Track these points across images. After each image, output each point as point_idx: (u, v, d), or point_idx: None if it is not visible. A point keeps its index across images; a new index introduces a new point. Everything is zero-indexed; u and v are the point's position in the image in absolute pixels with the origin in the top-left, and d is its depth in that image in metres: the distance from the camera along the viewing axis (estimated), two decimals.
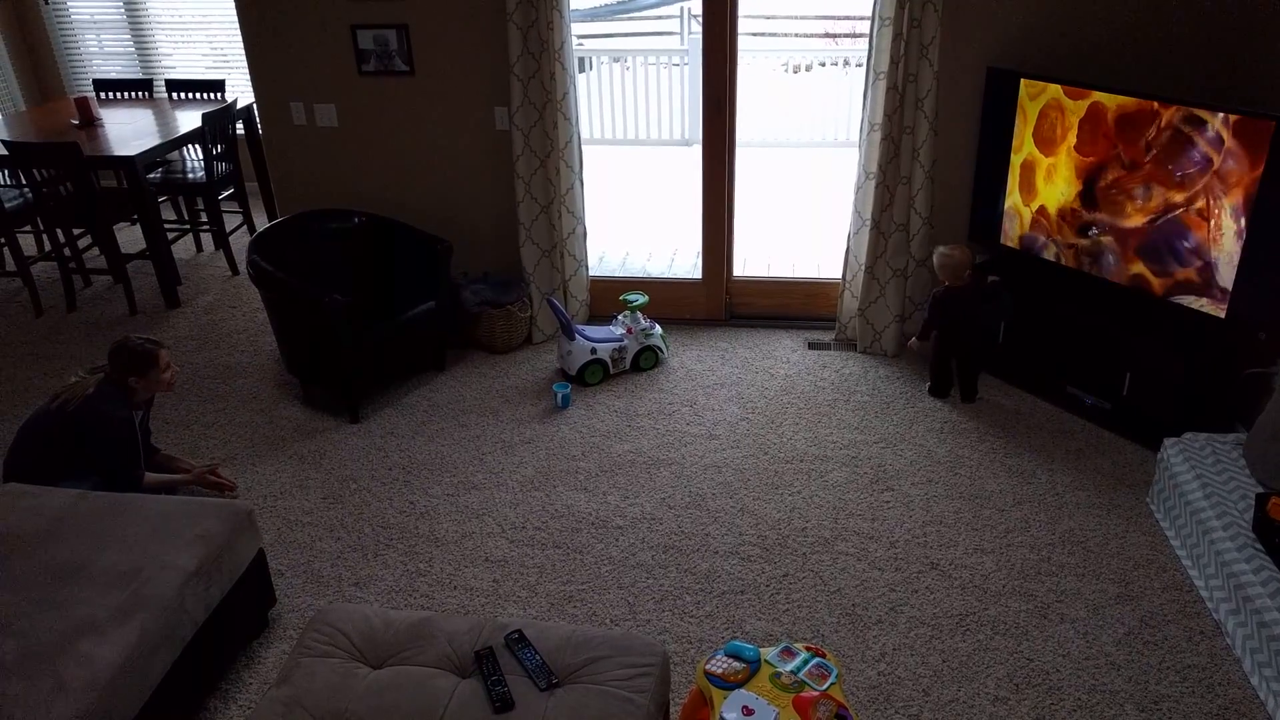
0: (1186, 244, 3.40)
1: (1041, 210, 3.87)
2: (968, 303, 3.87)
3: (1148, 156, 3.45)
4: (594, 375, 4.24)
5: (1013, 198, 3.97)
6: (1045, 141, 3.78)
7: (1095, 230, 3.58)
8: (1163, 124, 3.38)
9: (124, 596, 2.38)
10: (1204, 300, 3.40)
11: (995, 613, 2.91)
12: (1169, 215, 3.43)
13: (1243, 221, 3.20)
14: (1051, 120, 3.73)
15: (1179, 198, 3.38)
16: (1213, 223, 3.30)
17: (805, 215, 6.46)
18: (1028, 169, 3.88)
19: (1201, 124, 3.26)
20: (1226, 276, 3.30)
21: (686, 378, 4.29)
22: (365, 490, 3.57)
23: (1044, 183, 3.83)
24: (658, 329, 4.36)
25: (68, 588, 2.41)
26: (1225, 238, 3.27)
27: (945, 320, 3.92)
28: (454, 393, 4.22)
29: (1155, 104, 3.38)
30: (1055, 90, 3.69)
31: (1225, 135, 3.20)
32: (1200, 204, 3.32)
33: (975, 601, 2.96)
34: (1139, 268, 3.58)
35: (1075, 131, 3.66)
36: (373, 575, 3.13)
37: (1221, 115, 3.20)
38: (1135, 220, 3.54)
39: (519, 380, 4.32)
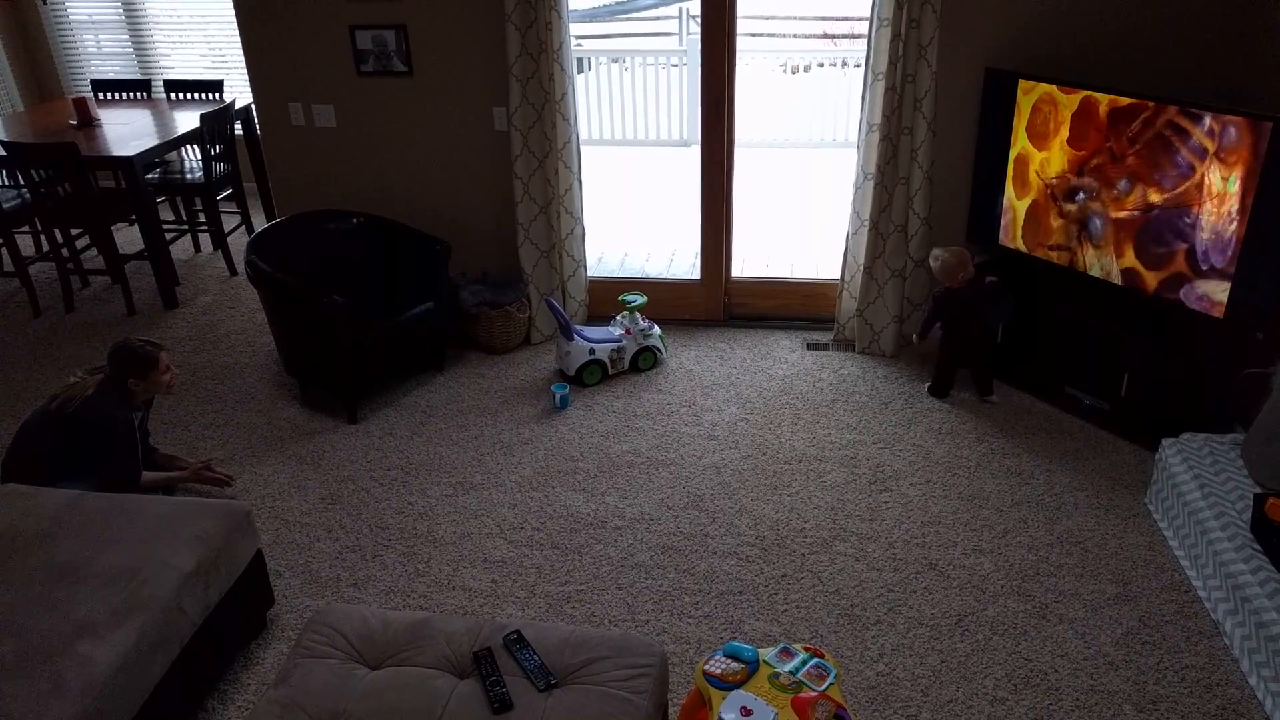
0: (1181, 240, 3.40)
1: (1035, 205, 3.87)
2: (967, 303, 3.88)
3: (1138, 153, 3.45)
4: (592, 376, 4.24)
5: (1006, 193, 3.98)
6: (1038, 135, 3.79)
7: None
8: (1156, 122, 3.38)
9: (122, 597, 2.38)
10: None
11: (993, 613, 2.91)
12: (1163, 211, 3.43)
13: (1239, 221, 3.21)
14: (1044, 114, 3.74)
15: (1173, 195, 3.38)
16: (1209, 220, 3.30)
17: (804, 216, 6.46)
18: (1021, 163, 3.88)
19: (1198, 123, 3.26)
20: (1222, 272, 3.30)
21: (685, 378, 4.29)
22: (363, 491, 3.57)
23: (1037, 177, 3.84)
24: (656, 329, 4.36)
25: (66, 588, 2.40)
26: (1220, 236, 3.27)
27: (948, 320, 3.93)
28: (452, 393, 4.22)
29: (1150, 103, 3.38)
30: (1048, 84, 3.69)
31: (1223, 135, 3.20)
32: (1196, 201, 3.32)
33: (973, 602, 2.96)
34: (1133, 262, 3.58)
35: (1068, 126, 3.66)
36: (371, 576, 3.13)
37: (1220, 115, 3.20)
38: (1126, 213, 3.54)
39: (517, 381, 4.32)
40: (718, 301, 4.76)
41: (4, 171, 5.18)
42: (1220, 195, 3.25)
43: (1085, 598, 2.96)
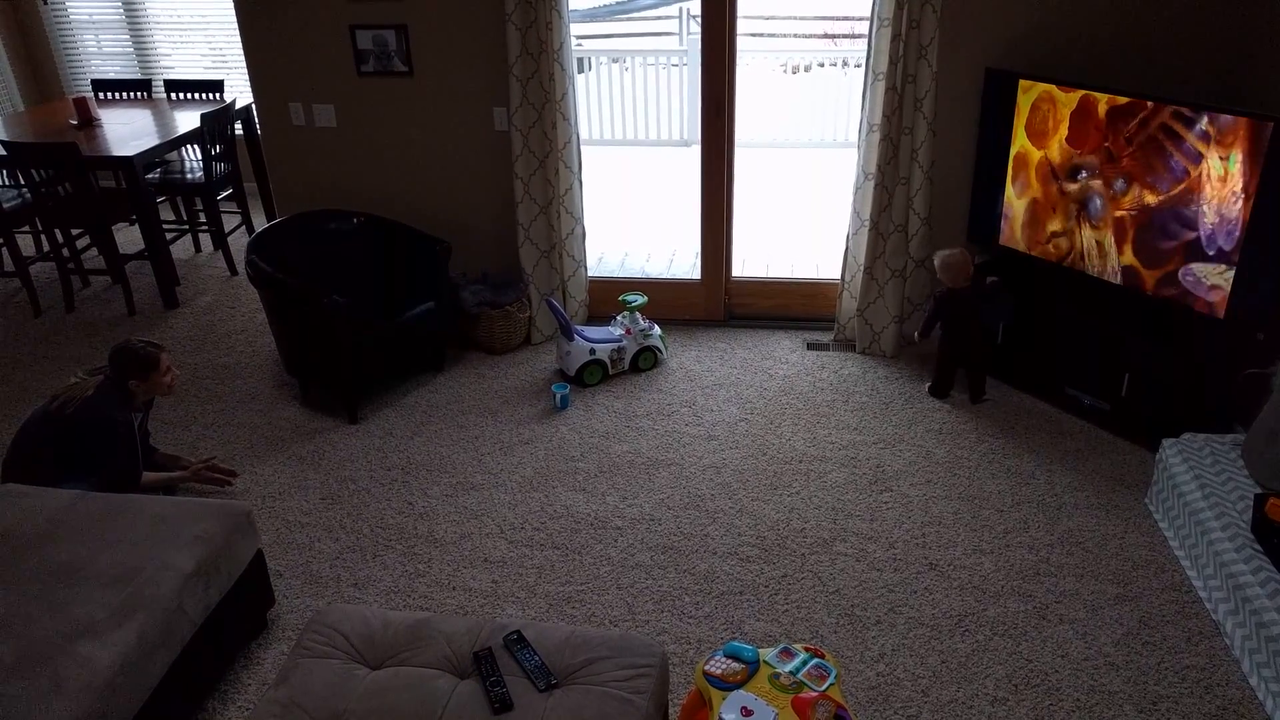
0: (1179, 239, 3.40)
1: (1034, 203, 3.87)
2: (970, 304, 3.88)
3: (1135, 152, 3.45)
4: (593, 376, 4.24)
5: (1005, 192, 3.97)
6: (1037, 134, 3.79)
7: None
8: (1153, 122, 3.37)
9: (122, 597, 2.38)
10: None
11: (994, 613, 2.91)
12: (1161, 210, 3.43)
13: (1239, 221, 3.20)
14: (1043, 112, 3.73)
15: (1171, 194, 3.38)
16: (1206, 219, 3.30)
17: (804, 216, 6.46)
18: (1020, 161, 3.88)
19: (1196, 123, 3.26)
20: (1222, 279, 3.30)
21: (685, 378, 4.29)
22: (364, 491, 3.57)
23: (1036, 176, 3.84)
24: (656, 329, 4.36)
25: (66, 588, 2.40)
26: (1219, 236, 3.27)
27: (948, 320, 3.92)
28: (453, 393, 4.22)
29: (1149, 103, 3.38)
30: (1048, 84, 3.69)
31: (1222, 135, 3.20)
32: (1194, 200, 3.32)
33: (974, 602, 2.96)
34: (1132, 260, 3.58)
35: (1067, 124, 3.66)
36: (371, 576, 3.13)
37: (1219, 116, 3.20)
38: (1124, 211, 3.54)
39: (518, 381, 4.32)
40: (718, 301, 4.76)
41: (4, 171, 5.19)
42: (1218, 195, 3.24)
43: (1086, 598, 2.96)
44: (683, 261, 5.53)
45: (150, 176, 5.43)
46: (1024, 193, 3.91)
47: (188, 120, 5.33)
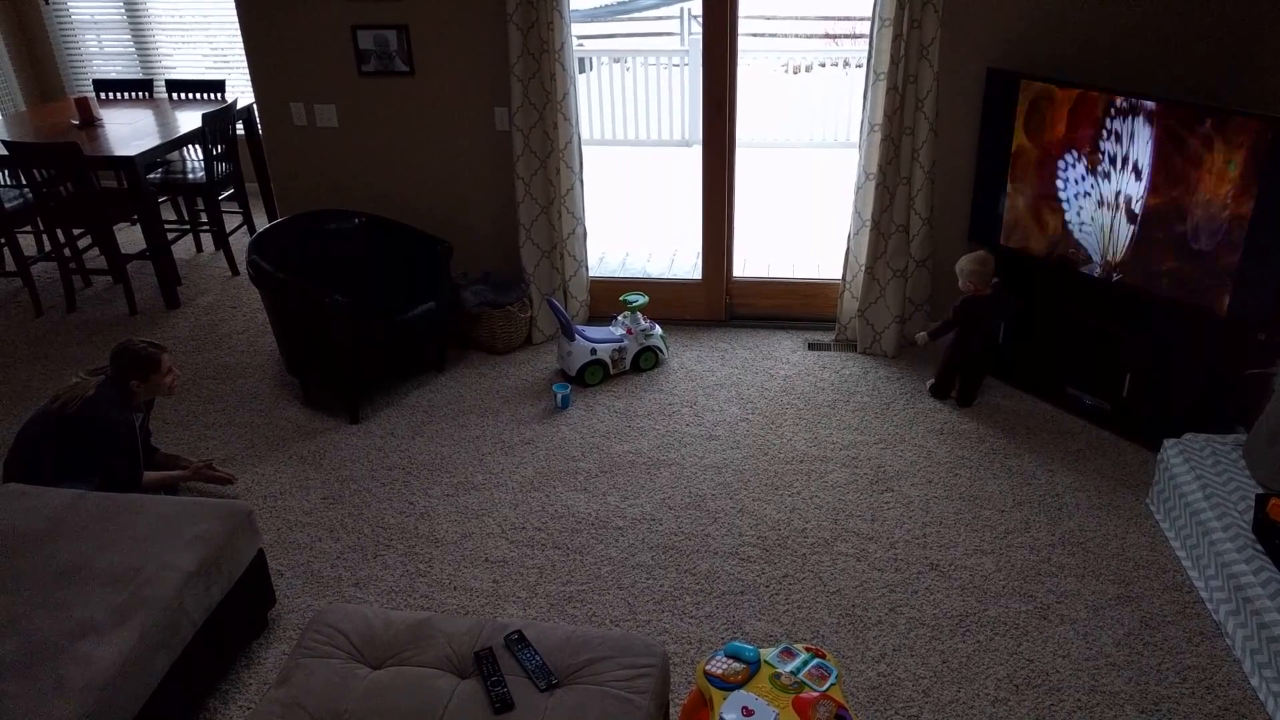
0: (1179, 239, 3.40)
1: (1035, 197, 3.86)
2: (989, 310, 3.86)
3: (1134, 153, 3.44)
4: (594, 376, 4.24)
5: (1006, 190, 3.97)
6: (1035, 132, 3.78)
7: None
8: (1154, 122, 3.37)
9: (123, 597, 2.38)
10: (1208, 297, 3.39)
11: (995, 613, 2.91)
12: (1158, 210, 3.43)
13: (1240, 220, 3.20)
14: (1041, 109, 3.73)
15: (1171, 194, 3.38)
16: (1207, 221, 3.30)
17: (805, 216, 6.46)
18: (1018, 158, 3.88)
19: (1198, 124, 3.26)
20: (1223, 279, 3.29)
21: (686, 378, 4.29)
22: (365, 491, 3.57)
23: (1035, 167, 3.83)
24: (658, 329, 4.36)
25: (67, 588, 2.41)
26: (1218, 235, 3.27)
27: (964, 326, 3.90)
28: (454, 393, 4.22)
29: (1148, 102, 3.37)
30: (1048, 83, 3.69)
31: (1224, 136, 3.19)
32: (1194, 203, 3.31)
33: (975, 602, 2.96)
34: (1131, 257, 3.58)
35: (1065, 122, 3.66)
36: (372, 576, 3.13)
37: (1220, 115, 3.19)
38: (1122, 210, 3.54)
39: (519, 381, 4.32)
40: (719, 301, 4.76)
41: (6, 171, 5.19)
42: (1218, 196, 3.24)
43: (1087, 598, 2.96)
44: (684, 261, 5.53)
45: (152, 176, 5.43)
46: (1024, 190, 3.90)
47: (189, 120, 5.34)
